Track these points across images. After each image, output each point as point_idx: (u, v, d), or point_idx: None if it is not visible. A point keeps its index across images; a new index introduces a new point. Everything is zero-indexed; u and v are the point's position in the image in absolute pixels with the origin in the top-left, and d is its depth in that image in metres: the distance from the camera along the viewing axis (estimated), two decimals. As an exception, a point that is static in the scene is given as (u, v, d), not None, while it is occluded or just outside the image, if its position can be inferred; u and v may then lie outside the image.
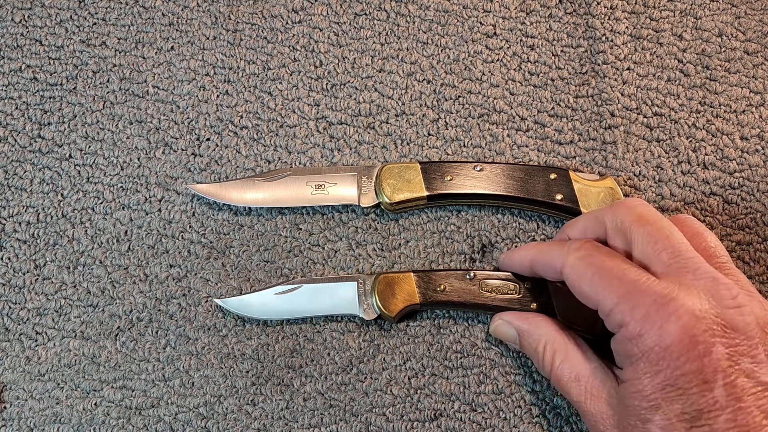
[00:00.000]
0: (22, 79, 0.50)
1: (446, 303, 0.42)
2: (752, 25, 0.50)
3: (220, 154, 0.47)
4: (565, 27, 0.50)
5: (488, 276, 0.42)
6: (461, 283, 0.42)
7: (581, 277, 0.35)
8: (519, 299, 0.41)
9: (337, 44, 0.50)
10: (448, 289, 0.41)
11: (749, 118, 0.47)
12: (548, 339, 0.38)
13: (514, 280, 0.41)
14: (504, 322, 0.40)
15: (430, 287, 0.42)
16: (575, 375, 0.36)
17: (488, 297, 0.41)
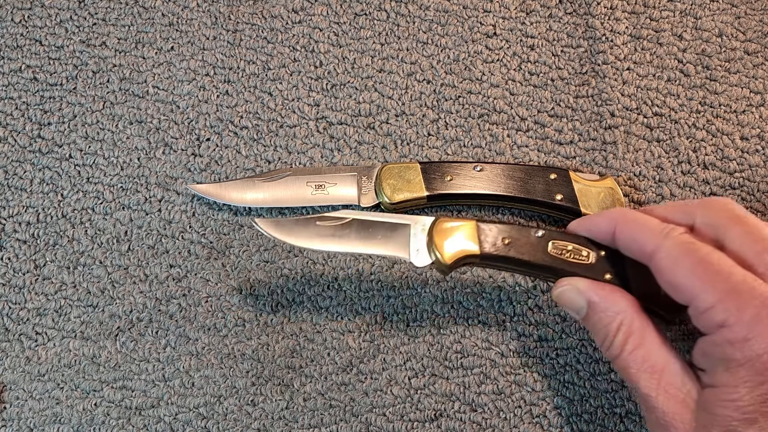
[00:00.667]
0: (22, 79, 0.50)
1: (507, 258, 0.37)
2: (752, 25, 0.49)
3: (220, 154, 0.47)
4: (565, 27, 0.50)
5: (559, 236, 0.37)
6: (527, 238, 0.37)
7: (678, 265, 0.31)
8: (590, 267, 0.36)
9: (337, 44, 0.50)
10: (512, 243, 0.37)
11: (749, 118, 0.47)
12: (625, 318, 0.34)
13: (587, 245, 0.37)
14: (573, 288, 0.35)
15: (493, 238, 0.37)
16: (650, 366, 0.32)
17: (555, 259, 0.37)
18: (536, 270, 0.38)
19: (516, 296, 0.44)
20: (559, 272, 0.37)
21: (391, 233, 0.38)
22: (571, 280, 0.36)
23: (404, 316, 0.43)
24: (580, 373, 0.42)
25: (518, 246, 0.37)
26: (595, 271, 0.36)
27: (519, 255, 0.37)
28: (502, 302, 0.44)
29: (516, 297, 0.44)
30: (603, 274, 0.36)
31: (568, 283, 0.36)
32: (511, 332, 0.43)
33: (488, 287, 0.44)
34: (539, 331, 0.43)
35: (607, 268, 0.36)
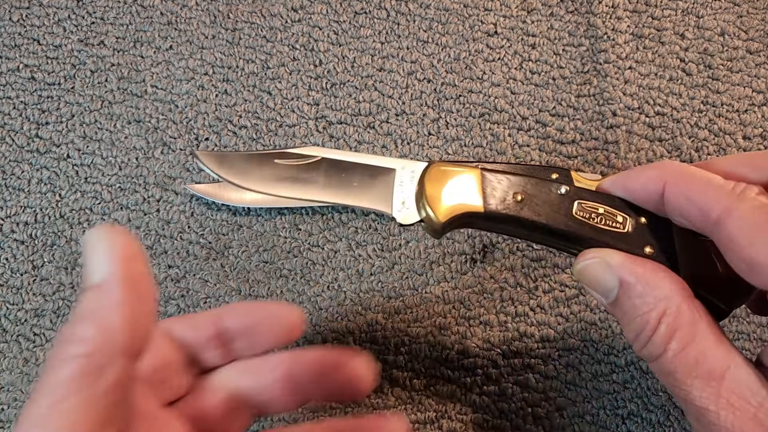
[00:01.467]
0: (19, 79, 0.49)
1: (518, 220, 0.29)
2: (754, 24, 0.49)
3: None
4: (567, 26, 0.50)
5: (587, 195, 0.29)
6: (546, 195, 0.29)
7: (759, 235, 0.24)
8: (626, 237, 0.28)
9: (336, 43, 0.50)
10: (527, 200, 0.29)
11: (752, 117, 0.47)
12: (670, 307, 0.26)
13: (624, 209, 0.29)
14: (602, 262, 0.27)
15: (502, 193, 0.29)
16: (706, 370, 0.25)
17: (581, 224, 0.29)
18: (555, 238, 0.30)
19: (518, 296, 0.43)
20: (586, 241, 0.29)
21: (371, 179, 0.30)
22: (600, 251, 0.28)
23: (405, 317, 0.43)
24: (582, 374, 0.42)
25: (534, 204, 0.29)
26: (633, 242, 0.28)
27: (534, 216, 0.29)
28: (504, 302, 0.43)
29: (518, 297, 0.43)
30: (643, 247, 0.28)
31: (596, 255, 0.28)
32: (513, 333, 0.43)
33: (490, 287, 0.44)
34: (541, 331, 0.43)
35: (648, 239, 0.28)
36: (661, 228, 0.28)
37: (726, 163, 0.28)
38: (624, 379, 0.42)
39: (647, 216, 0.29)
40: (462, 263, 0.44)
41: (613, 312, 0.28)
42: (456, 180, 0.30)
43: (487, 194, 0.29)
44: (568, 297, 0.43)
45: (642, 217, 0.29)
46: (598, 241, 0.28)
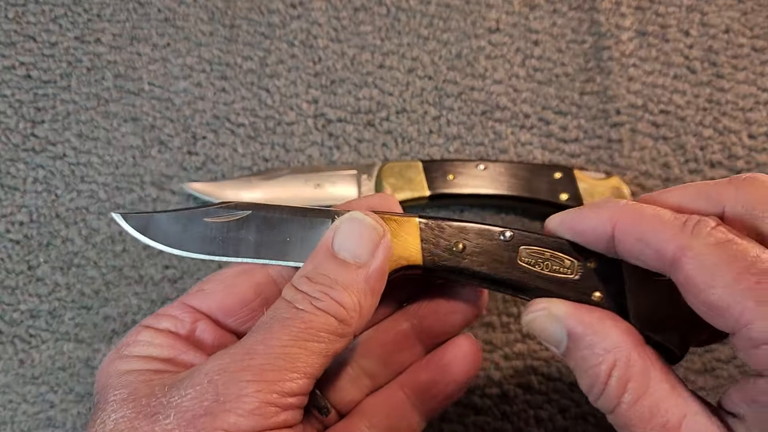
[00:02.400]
0: (15, 77, 0.49)
1: (462, 271, 0.28)
2: (759, 21, 0.49)
3: (217, 152, 0.47)
4: (570, 22, 0.49)
5: (532, 240, 0.28)
6: (490, 243, 0.28)
7: (717, 275, 0.22)
8: (574, 284, 0.27)
9: (336, 40, 0.49)
10: (468, 249, 0.28)
11: (757, 115, 0.47)
12: (619, 357, 0.25)
13: (572, 252, 0.28)
14: (548, 315, 0.27)
15: (442, 244, 0.28)
16: (661, 423, 0.24)
17: (526, 272, 0.28)
18: (500, 286, 0.29)
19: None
20: (531, 290, 0.28)
21: (305, 233, 0.28)
22: (546, 302, 0.27)
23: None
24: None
25: (476, 254, 0.28)
26: (581, 288, 0.27)
27: (476, 266, 0.28)
28: (507, 303, 0.43)
29: (520, 299, 0.43)
30: (591, 293, 0.27)
31: (542, 306, 0.27)
32: (516, 334, 0.42)
33: (491, 288, 0.43)
34: (543, 333, 0.42)
35: (596, 284, 0.27)
36: (610, 270, 0.27)
37: (679, 194, 0.27)
38: None
39: (596, 258, 0.28)
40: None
41: (567, 362, 0.27)
42: (393, 231, 0.28)
43: (426, 246, 0.28)
44: (571, 298, 0.43)
45: (591, 259, 0.28)
46: (544, 289, 0.28)
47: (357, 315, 0.26)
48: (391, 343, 0.32)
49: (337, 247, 0.27)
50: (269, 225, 0.28)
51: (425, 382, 0.31)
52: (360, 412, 0.31)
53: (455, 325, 0.32)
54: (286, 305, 0.26)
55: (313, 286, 0.26)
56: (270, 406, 0.23)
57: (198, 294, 0.29)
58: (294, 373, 0.24)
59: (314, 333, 0.25)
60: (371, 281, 0.26)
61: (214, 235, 0.28)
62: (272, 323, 0.25)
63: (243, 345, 0.25)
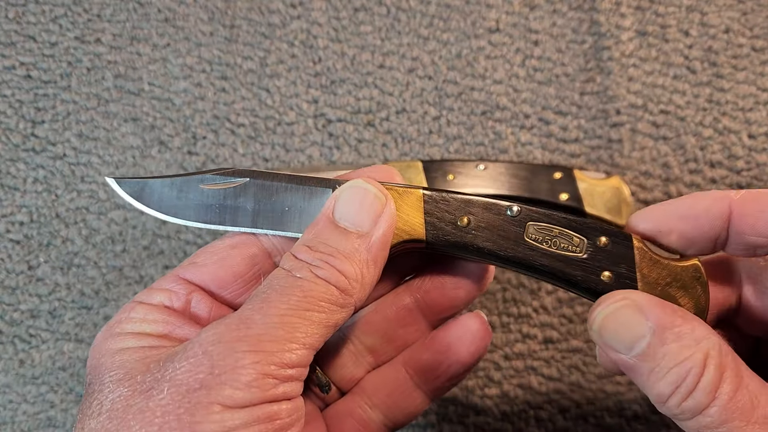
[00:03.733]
0: (15, 77, 0.49)
1: (466, 246, 0.27)
2: (759, 22, 0.49)
3: (217, 152, 0.47)
4: (570, 22, 0.49)
5: (541, 216, 0.27)
6: (496, 218, 0.27)
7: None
8: (583, 262, 0.27)
9: (336, 40, 0.49)
10: (473, 224, 0.27)
11: (757, 115, 0.47)
12: (713, 347, 0.23)
13: (580, 229, 0.27)
14: (632, 305, 0.24)
15: (446, 217, 0.27)
16: (765, 414, 0.22)
17: (533, 249, 0.27)
18: (505, 262, 0.28)
19: (520, 297, 0.43)
20: (537, 268, 0.27)
21: (304, 202, 0.27)
22: (623, 293, 0.25)
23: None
24: (586, 375, 0.41)
25: (481, 228, 0.27)
26: (589, 267, 0.27)
27: (481, 242, 0.27)
28: (507, 303, 0.43)
29: (520, 298, 0.43)
30: (600, 273, 0.27)
31: (622, 297, 0.25)
32: (516, 334, 0.42)
33: (492, 288, 0.43)
34: (544, 332, 0.42)
35: (606, 263, 0.27)
36: (620, 250, 0.27)
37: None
38: (628, 380, 0.41)
39: (607, 236, 0.27)
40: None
41: (637, 368, 0.24)
42: (396, 203, 0.27)
43: (430, 219, 0.27)
44: (572, 298, 0.43)
45: (601, 237, 0.27)
46: (551, 266, 0.27)
47: (359, 285, 0.25)
48: (394, 319, 0.31)
49: (338, 215, 0.26)
50: (267, 193, 0.27)
51: (428, 363, 0.30)
52: (361, 390, 0.31)
53: (459, 300, 0.30)
54: (285, 274, 0.24)
55: (313, 254, 0.25)
56: (268, 378, 0.22)
57: (190, 267, 0.28)
58: (293, 343, 0.23)
59: (314, 302, 0.24)
60: (373, 251, 0.26)
61: (210, 203, 0.27)
62: (270, 292, 0.24)
63: (239, 314, 0.23)
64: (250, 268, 0.28)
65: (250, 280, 0.28)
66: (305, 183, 0.27)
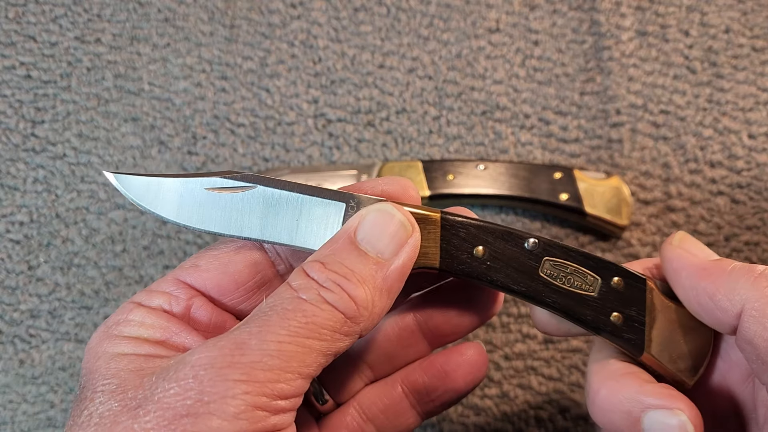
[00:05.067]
0: (15, 77, 0.49)
1: (479, 277, 0.27)
2: (759, 22, 0.49)
3: (217, 152, 0.47)
4: (570, 22, 0.49)
5: (558, 251, 0.27)
6: (512, 250, 0.26)
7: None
8: (593, 301, 0.26)
9: (336, 40, 0.49)
10: (488, 254, 0.26)
11: (757, 115, 0.47)
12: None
13: (595, 268, 0.27)
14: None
15: (463, 246, 0.26)
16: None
17: (546, 285, 0.26)
18: (516, 294, 0.27)
19: (520, 297, 0.43)
20: (547, 303, 0.27)
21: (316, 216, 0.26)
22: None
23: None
24: (585, 375, 0.41)
25: (496, 260, 0.26)
26: (599, 308, 0.26)
27: (495, 275, 0.27)
28: (507, 303, 0.43)
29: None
30: (609, 314, 0.26)
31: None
32: (516, 334, 0.42)
33: (491, 288, 0.43)
34: (543, 333, 0.42)
35: (616, 304, 0.26)
36: (632, 292, 0.27)
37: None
38: (628, 381, 0.41)
39: (621, 276, 0.27)
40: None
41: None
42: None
43: (445, 247, 0.26)
44: (571, 298, 0.43)
45: (614, 277, 0.27)
46: (562, 303, 0.27)
47: (368, 313, 0.24)
48: (395, 339, 0.30)
49: (360, 237, 0.24)
50: (277, 202, 0.26)
51: (424, 386, 0.30)
52: (357, 403, 0.30)
53: (463, 328, 0.30)
54: (290, 294, 0.23)
55: (326, 274, 0.23)
56: (258, 410, 0.21)
57: (192, 270, 0.27)
58: (288, 373, 0.22)
59: (316, 329, 0.22)
60: (389, 280, 0.24)
61: (215, 208, 0.26)
62: (271, 314, 0.23)
63: (235, 337, 0.22)
64: (253, 276, 0.27)
65: (252, 288, 0.27)
66: (318, 194, 0.26)
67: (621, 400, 0.25)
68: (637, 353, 0.27)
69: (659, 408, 0.24)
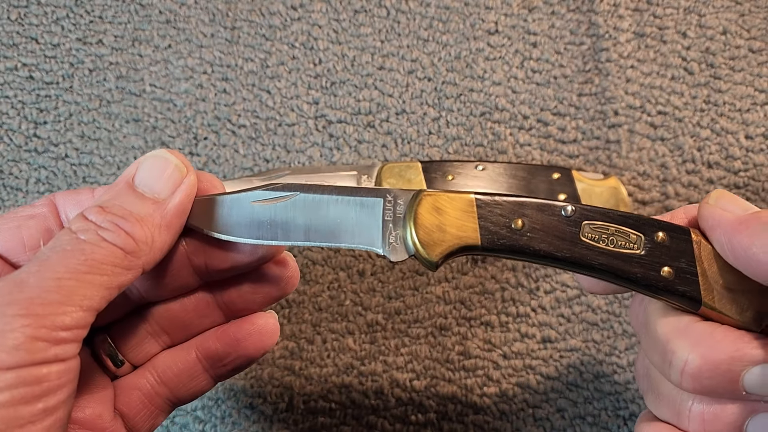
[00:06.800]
0: (17, 78, 0.49)
1: (522, 249, 0.27)
2: (756, 23, 0.49)
3: (218, 153, 0.47)
4: (568, 24, 0.49)
5: (596, 215, 0.27)
6: (550, 219, 0.27)
7: None
8: (641, 259, 0.26)
9: (336, 41, 0.49)
10: (528, 226, 0.27)
11: (754, 116, 0.47)
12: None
13: (637, 226, 0.27)
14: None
15: (501, 221, 0.27)
16: None
17: (590, 248, 0.26)
18: (561, 263, 0.27)
19: (519, 297, 0.43)
20: (594, 267, 0.27)
21: (355, 215, 0.27)
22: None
23: (406, 317, 0.43)
24: (583, 375, 0.42)
25: (536, 231, 0.27)
26: (648, 264, 0.26)
27: (537, 244, 0.26)
28: (506, 303, 0.43)
29: (519, 297, 0.43)
30: (659, 269, 0.26)
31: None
32: (514, 333, 0.43)
33: (491, 287, 0.43)
34: (542, 332, 0.42)
35: (665, 259, 0.26)
36: (679, 244, 0.26)
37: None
38: (626, 379, 0.41)
39: (666, 231, 0.26)
40: (463, 263, 0.44)
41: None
42: (448, 211, 0.27)
43: (484, 224, 0.27)
44: (570, 297, 0.43)
45: (659, 232, 0.26)
46: (609, 265, 0.26)
47: (148, 248, 0.25)
48: (192, 309, 0.31)
49: (138, 181, 0.26)
50: (318, 207, 0.27)
51: (217, 352, 0.31)
52: (153, 366, 0.31)
53: (256, 303, 0.31)
54: (69, 236, 0.24)
55: (104, 215, 0.25)
56: (38, 341, 0.22)
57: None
58: (69, 306, 0.23)
59: (95, 265, 0.24)
60: (168, 217, 0.26)
61: (261, 219, 0.27)
62: (50, 254, 0.24)
63: (13, 277, 0.23)
64: (45, 241, 0.28)
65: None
66: (355, 194, 0.27)
67: (718, 364, 0.25)
68: (695, 306, 0.26)
69: (762, 362, 0.24)
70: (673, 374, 0.26)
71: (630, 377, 0.41)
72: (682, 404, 0.27)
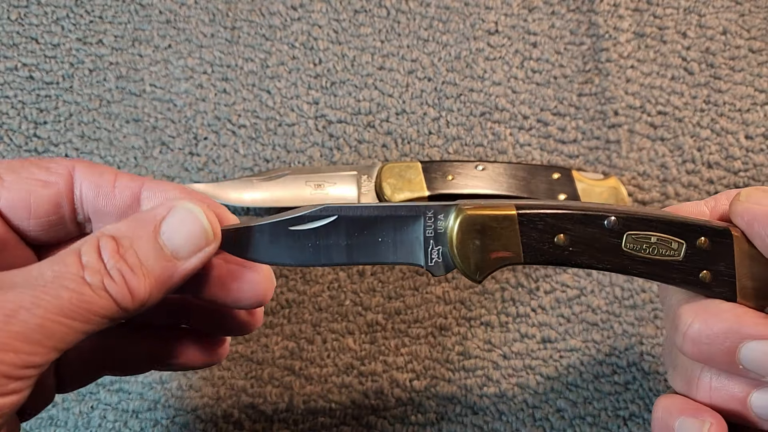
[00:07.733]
0: (17, 78, 0.49)
1: (564, 262, 0.27)
2: (756, 23, 0.49)
3: (218, 153, 0.47)
4: (568, 24, 0.49)
5: (638, 224, 0.27)
6: (593, 232, 0.27)
7: None
8: (680, 265, 0.27)
9: (336, 41, 0.49)
10: (569, 240, 0.27)
11: (754, 116, 0.47)
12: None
13: (679, 233, 0.27)
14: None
15: (544, 237, 0.27)
16: None
17: (632, 258, 0.27)
18: (601, 270, 0.29)
19: (519, 297, 0.43)
20: (634, 274, 0.27)
21: (396, 232, 0.27)
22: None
23: (406, 317, 0.43)
24: (583, 375, 0.42)
25: (579, 245, 0.27)
26: (687, 269, 0.27)
27: (580, 258, 0.27)
28: (505, 303, 0.43)
29: (519, 298, 0.43)
30: (697, 273, 0.27)
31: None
32: (514, 334, 0.43)
33: (491, 288, 0.43)
34: (542, 332, 0.42)
35: (704, 263, 0.27)
36: (719, 248, 0.27)
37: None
38: (626, 380, 0.41)
39: (707, 235, 0.27)
40: (462, 263, 0.44)
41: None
42: (490, 227, 0.27)
43: (526, 241, 0.27)
44: (570, 297, 0.43)
45: (702, 237, 0.27)
46: (648, 272, 0.27)
47: (139, 305, 0.24)
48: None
49: (164, 229, 0.25)
50: (359, 227, 0.27)
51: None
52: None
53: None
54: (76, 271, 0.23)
55: (116, 260, 0.24)
56: (1, 378, 0.21)
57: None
58: (45, 348, 0.22)
59: (86, 314, 0.23)
60: (173, 279, 0.25)
61: (303, 243, 0.27)
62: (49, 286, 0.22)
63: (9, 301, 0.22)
64: (51, 214, 0.27)
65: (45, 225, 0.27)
66: (394, 212, 0.27)
67: (716, 332, 0.25)
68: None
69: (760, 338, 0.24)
70: (678, 338, 0.27)
71: (630, 377, 0.41)
72: (692, 373, 0.27)
